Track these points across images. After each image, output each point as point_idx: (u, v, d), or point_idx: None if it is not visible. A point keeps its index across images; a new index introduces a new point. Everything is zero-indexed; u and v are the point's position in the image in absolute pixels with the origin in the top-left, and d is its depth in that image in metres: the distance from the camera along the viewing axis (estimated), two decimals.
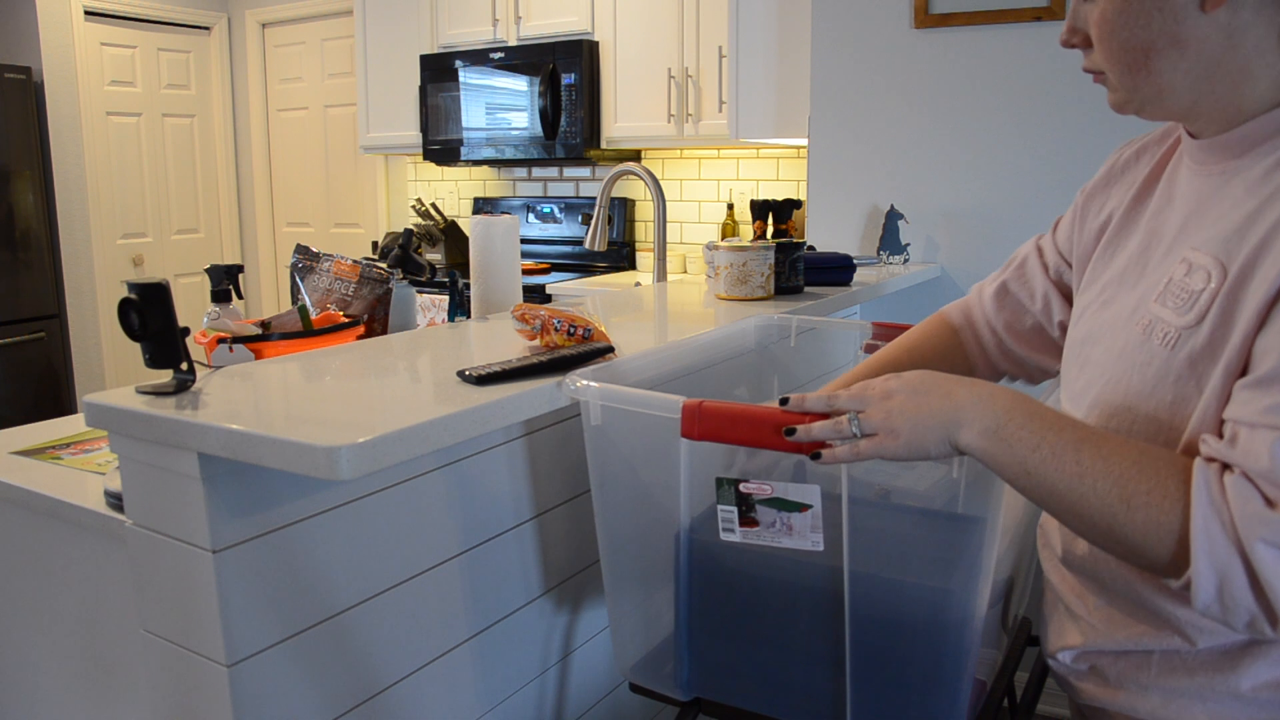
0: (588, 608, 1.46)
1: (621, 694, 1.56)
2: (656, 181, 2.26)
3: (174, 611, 1.01)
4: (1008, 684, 1.15)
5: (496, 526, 1.27)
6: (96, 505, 1.17)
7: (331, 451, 0.85)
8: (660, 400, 0.99)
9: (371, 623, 1.12)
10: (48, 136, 4.50)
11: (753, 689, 1.07)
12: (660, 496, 1.07)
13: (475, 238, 1.75)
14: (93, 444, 1.44)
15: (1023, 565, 1.22)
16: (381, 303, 1.86)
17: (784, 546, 0.96)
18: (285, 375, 1.15)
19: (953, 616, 0.96)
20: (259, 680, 1.00)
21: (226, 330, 1.65)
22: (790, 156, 3.80)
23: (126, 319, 1.01)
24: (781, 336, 1.60)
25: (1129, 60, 0.83)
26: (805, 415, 0.89)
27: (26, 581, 1.32)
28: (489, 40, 4.07)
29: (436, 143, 4.21)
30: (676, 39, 3.60)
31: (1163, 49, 0.81)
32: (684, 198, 4.09)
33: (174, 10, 5.06)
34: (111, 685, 1.25)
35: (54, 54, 4.51)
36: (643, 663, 1.16)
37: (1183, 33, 0.80)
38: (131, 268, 5.04)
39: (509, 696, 1.33)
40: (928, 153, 2.39)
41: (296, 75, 5.16)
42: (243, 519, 0.97)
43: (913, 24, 2.37)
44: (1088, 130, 2.20)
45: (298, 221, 5.31)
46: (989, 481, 0.89)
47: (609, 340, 1.25)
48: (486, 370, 1.10)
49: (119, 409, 0.97)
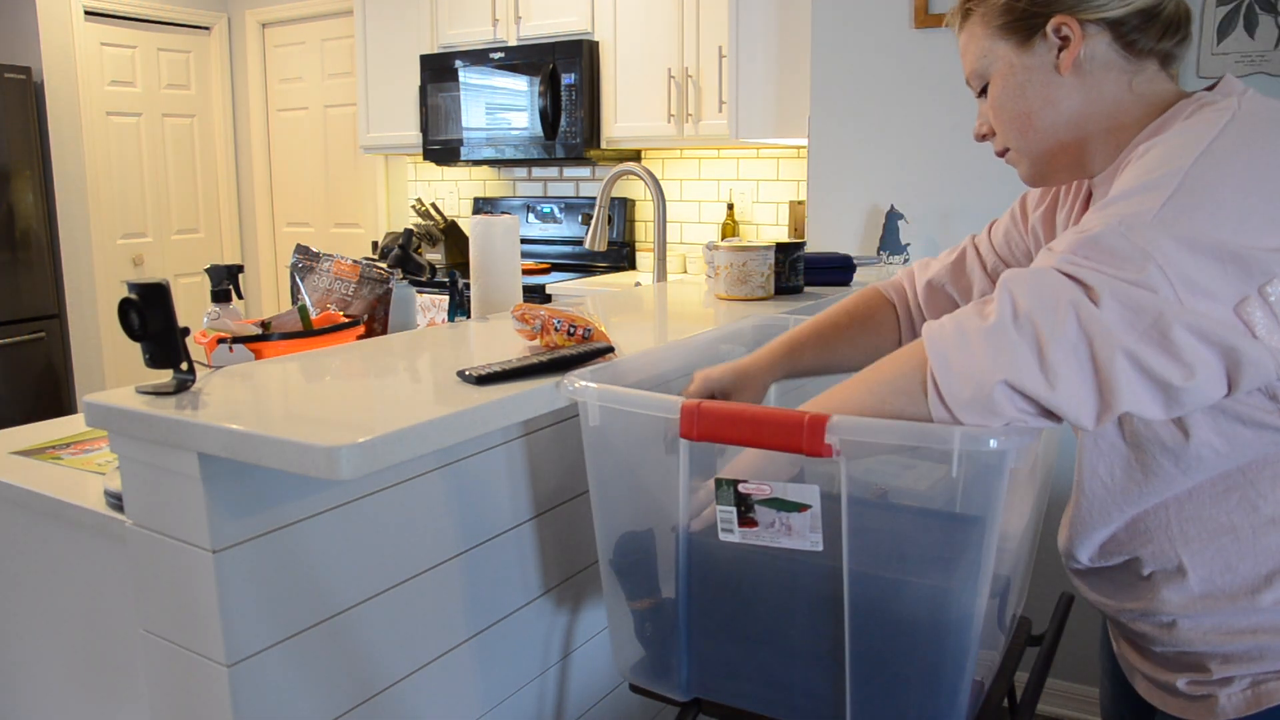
0: (588, 608, 1.46)
1: (621, 694, 1.56)
2: (656, 181, 2.26)
3: (174, 611, 1.01)
4: (1008, 684, 1.15)
5: (496, 526, 1.27)
6: (96, 505, 1.17)
7: (331, 451, 0.85)
8: (659, 401, 0.99)
9: (371, 623, 1.12)
10: (48, 136, 4.50)
11: (752, 689, 1.07)
12: (659, 497, 1.07)
13: (475, 238, 1.75)
14: (93, 444, 1.44)
15: (1022, 565, 1.23)
16: (381, 303, 1.86)
17: (783, 547, 0.96)
18: (285, 375, 1.15)
19: (952, 616, 0.96)
20: (259, 680, 1.00)
21: (226, 330, 1.65)
22: (790, 156, 3.80)
23: (126, 319, 1.01)
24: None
25: (1019, 126, 1.01)
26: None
27: (26, 581, 1.32)
28: (489, 40, 4.07)
29: (436, 143, 4.21)
30: (676, 39, 3.60)
31: (1039, 110, 0.99)
32: (684, 198, 4.09)
33: (174, 10, 5.06)
34: (111, 685, 1.25)
35: (54, 54, 4.51)
36: (642, 663, 1.16)
37: (1052, 94, 0.98)
38: (131, 268, 5.04)
39: (509, 696, 1.33)
40: (928, 153, 2.39)
41: (296, 75, 5.16)
42: (243, 519, 0.97)
43: (913, 24, 2.36)
44: None
45: (298, 221, 5.31)
46: (989, 481, 0.89)
47: (609, 340, 1.25)
48: (486, 370, 1.10)
49: (119, 409, 0.98)
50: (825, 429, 0.89)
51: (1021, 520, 1.15)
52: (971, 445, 0.85)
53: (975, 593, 0.94)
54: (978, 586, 0.94)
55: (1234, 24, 2.02)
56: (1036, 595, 2.38)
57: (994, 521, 0.91)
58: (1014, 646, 1.21)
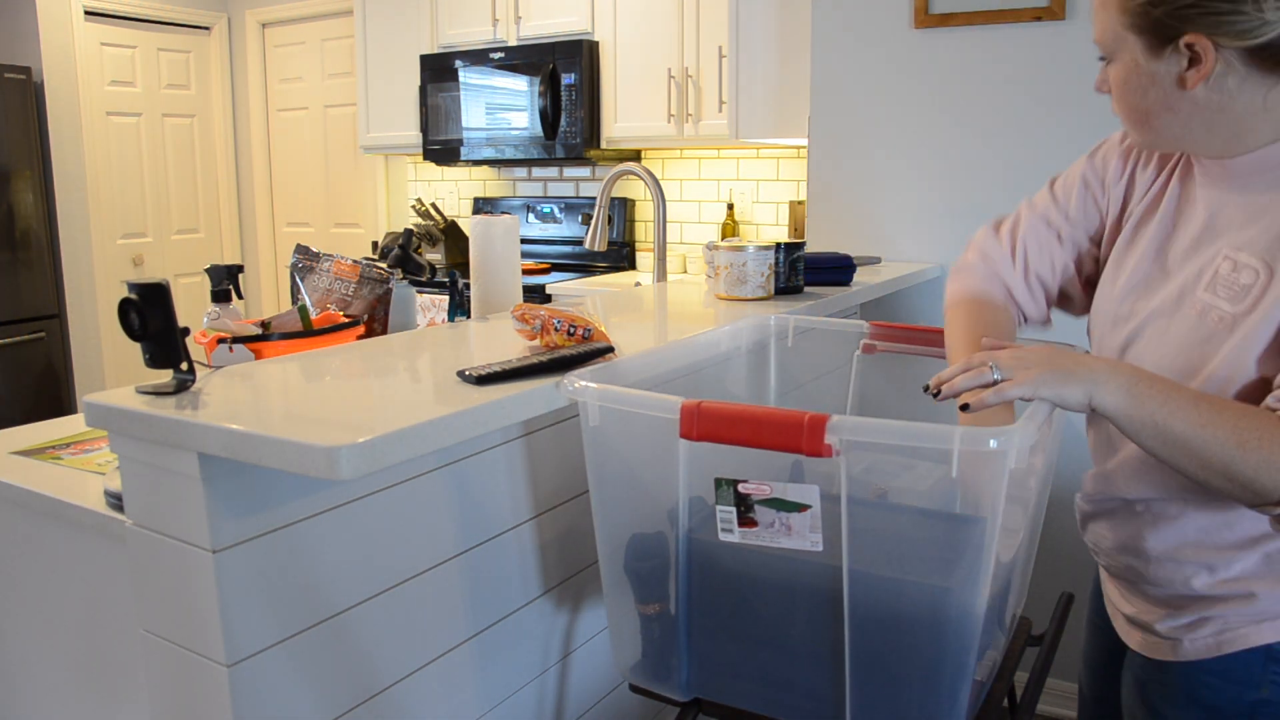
0: (587, 608, 1.46)
1: (621, 694, 1.56)
2: (656, 181, 2.26)
3: (174, 611, 1.01)
4: (1008, 684, 1.15)
5: (496, 527, 1.27)
6: (96, 505, 1.18)
7: (331, 451, 0.85)
8: (659, 401, 0.99)
9: (371, 623, 1.12)
10: (48, 136, 4.50)
11: (752, 689, 1.07)
12: (659, 497, 1.07)
13: (475, 238, 1.75)
14: (93, 444, 1.44)
15: (1021, 565, 1.23)
16: (381, 303, 1.86)
17: (783, 547, 0.96)
18: (285, 375, 1.15)
19: (952, 616, 0.96)
20: (259, 680, 1.00)
21: (226, 330, 1.65)
22: (790, 156, 3.80)
23: (126, 319, 1.01)
24: (780, 337, 1.60)
25: (1135, 119, 1.01)
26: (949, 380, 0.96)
27: (26, 581, 1.32)
28: (489, 40, 4.07)
29: (436, 143, 4.21)
30: (676, 39, 3.60)
31: (1159, 113, 0.98)
32: (684, 198, 4.09)
33: (174, 10, 5.06)
34: (111, 685, 1.25)
35: (54, 54, 4.51)
36: (641, 663, 1.16)
37: (1174, 104, 0.96)
38: (131, 268, 5.04)
39: (509, 696, 1.33)
40: (928, 153, 2.39)
41: (296, 75, 5.16)
42: (243, 519, 0.97)
43: (913, 24, 2.36)
44: (1087, 130, 2.20)
45: (298, 221, 5.31)
46: (989, 481, 0.89)
47: (609, 340, 1.25)
48: (486, 370, 1.10)
49: (119, 409, 0.98)
50: (825, 429, 0.89)
51: (1021, 520, 1.15)
52: (971, 445, 0.85)
53: (975, 593, 0.94)
54: (978, 586, 0.94)
55: None
56: (1036, 595, 2.38)
57: (994, 521, 0.91)
58: (1014, 646, 1.21)
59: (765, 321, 1.58)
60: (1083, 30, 2.18)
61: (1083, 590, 1.37)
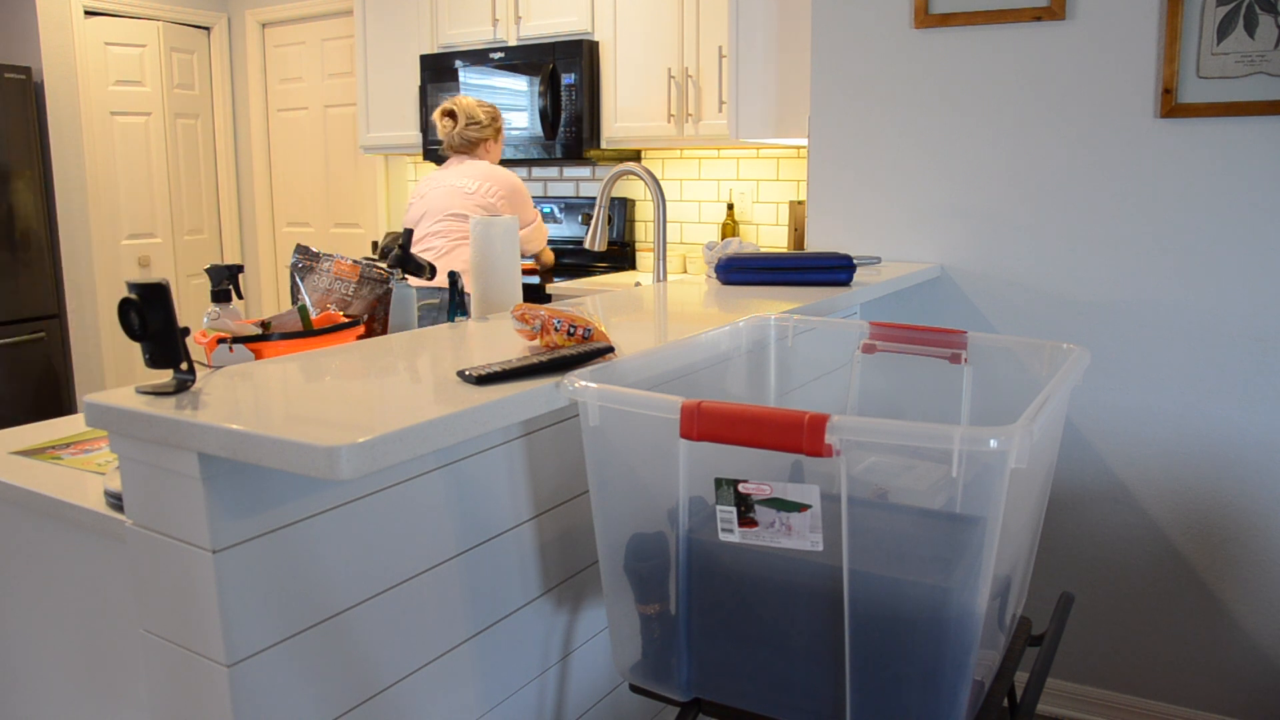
0: (587, 608, 1.46)
1: (621, 694, 1.56)
2: (656, 181, 2.26)
3: (174, 611, 1.01)
4: (1008, 684, 1.15)
5: (496, 527, 1.27)
6: (96, 505, 1.18)
7: (331, 451, 0.85)
8: (659, 401, 0.99)
9: (371, 623, 1.12)
10: (48, 136, 4.50)
11: (753, 689, 1.07)
12: (659, 497, 1.07)
13: (475, 238, 1.75)
14: (93, 444, 1.44)
15: (1022, 565, 1.22)
16: (381, 303, 1.86)
17: (783, 547, 0.96)
18: (285, 375, 1.15)
19: (952, 616, 0.96)
20: (259, 680, 1.00)
21: (226, 330, 1.65)
22: (790, 156, 3.80)
23: (126, 319, 1.01)
24: (780, 337, 1.60)
25: None
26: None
27: (26, 581, 1.32)
28: (489, 40, 4.07)
29: (436, 143, 4.21)
30: (676, 39, 3.60)
31: None
32: (684, 198, 4.09)
33: (174, 10, 5.06)
34: (111, 685, 1.25)
35: (54, 54, 4.51)
36: (642, 663, 1.16)
37: None
38: (138, 268, 5.04)
39: (509, 696, 1.33)
40: (928, 153, 2.39)
41: (296, 75, 5.16)
42: (243, 519, 0.97)
43: (913, 24, 2.37)
44: (1087, 130, 2.20)
45: (298, 221, 5.31)
46: (989, 481, 0.89)
47: (609, 340, 1.25)
48: (486, 370, 1.10)
49: (119, 409, 0.98)
50: (825, 429, 0.89)
51: (1022, 520, 1.15)
52: (972, 445, 0.85)
53: (975, 593, 0.94)
54: (978, 586, 0.94)
55: (1234, 24, 2.02)
56: (1036, 595, 2.38)
57: (994, 521, 0.91)
58: (1014, 646, 1.21)
59: (765, 321, 1.58)
60: (1083, 30, 2.18)
61: (1083, 590, 1.37)
